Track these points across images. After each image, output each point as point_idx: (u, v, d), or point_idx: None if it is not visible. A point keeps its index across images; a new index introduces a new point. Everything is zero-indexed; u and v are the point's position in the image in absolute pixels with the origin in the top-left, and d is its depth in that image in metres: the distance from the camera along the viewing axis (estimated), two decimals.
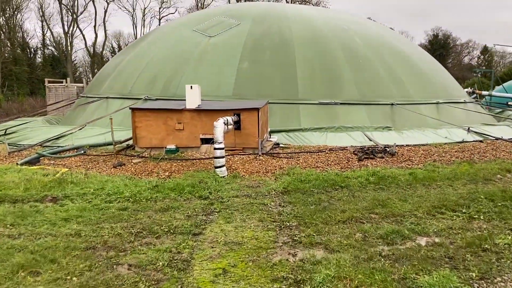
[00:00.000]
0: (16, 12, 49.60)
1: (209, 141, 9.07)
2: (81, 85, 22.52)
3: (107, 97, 14.55)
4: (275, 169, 7.89)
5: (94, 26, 55.08)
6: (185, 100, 9.16)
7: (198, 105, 9.05)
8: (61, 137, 11.14)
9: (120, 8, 65.27)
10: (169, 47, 14.95)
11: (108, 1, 56.02)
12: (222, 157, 7.53)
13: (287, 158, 8.56)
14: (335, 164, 8.10)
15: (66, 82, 22.37)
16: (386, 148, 8.72)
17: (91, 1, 54.81)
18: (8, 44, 48.05)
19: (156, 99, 13.11)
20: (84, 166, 8.64)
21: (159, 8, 58.22)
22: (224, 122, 7.68)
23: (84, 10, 54.70)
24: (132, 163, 8.56)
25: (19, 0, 49.04)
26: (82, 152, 9.41)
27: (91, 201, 6.20)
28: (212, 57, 13.71)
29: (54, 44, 53.85)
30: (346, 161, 8.28)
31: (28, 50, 52.78)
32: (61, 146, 10.14)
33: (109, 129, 12.05)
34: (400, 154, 8.68)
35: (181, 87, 11.97)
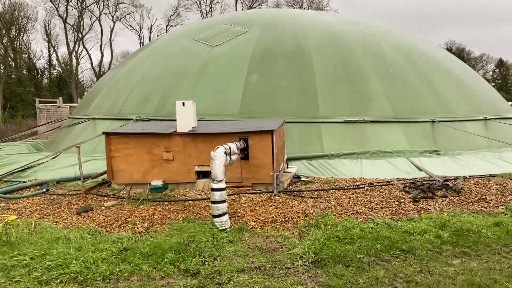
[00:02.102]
0: (22, 33, 48.66)
1: (207, 174, 6.87)
2: (75, 105, 20.62)
3: (94, 118, 12.49)
4: (297, 216, 5.60)
5: (100, 46, 53.94)
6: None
7: (193, 128, 6.86)
8: (28, 168, 9.02)
9: (127, 27, 63.87)
10: (165, 60, 12.92)
11: (114, 20, 55.05)
12: (223, 201, 5.29)
13: (313, 198, 6.28)
14: (382, 207, 5.78)
15: (59, 102, 20.46)
16: (447, 183, 6.40)
17: (97, 20, 53.90)
18: (13, 65, 46.95)
19: (149, 120, 11.03)
20: (41, 211, 6.47)
21: (166, 26, 56.99)
22: (225, 152, 5.46)
23: (90, 29, 53.64)
24: (103, 207, 6.36)
25: (24, 20, 48.18)
26: (44, 190, 7.25)
27: (19, 280, 4.00)
28: (215, 69, 11.62)
29: (61, 65, 52.65)
30: (396, 202, 5.96)
31: (35, 71, 51.71)
32: (23, 182, 8.01)
33: (89, 157, 9.96)
34: (468, 191, 6.34)
35: None
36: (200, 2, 54.62)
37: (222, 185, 5.31)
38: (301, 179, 7.19)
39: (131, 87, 12.47)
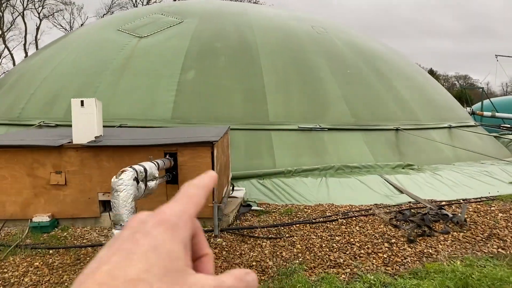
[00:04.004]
0: None
1: None
2: None
3: None
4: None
5: (24, 45, 48.75)
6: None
7: (96, 137, 4.78)
8: None
9: (56, 26, 58.53)
10: (81, 52, 10.57)
11: (40, 18, 50.17)
12: None
13: (271, 238, 4.43)
14: (369, 253, 4.05)
15: None
16: (445, 212, 4.84)
17: (20, 16, 48.82)
18: None
19: (56, 125, 8.71)
20: None
21: None
22: (135, 177, 3.46)
23: (12, 26, 48.36)
24: None
25: None
26: None
27: None
28: (142, 64, 9.51)
29: None
30: (386, 243, 4.26)
31: None
32: None
33: None
34: (471, 222, 4.82)
35: None
36: (136, 1, 51.37)
37: None
38: (252, 207, 5.32)
39: (37, 84, 10.00)
